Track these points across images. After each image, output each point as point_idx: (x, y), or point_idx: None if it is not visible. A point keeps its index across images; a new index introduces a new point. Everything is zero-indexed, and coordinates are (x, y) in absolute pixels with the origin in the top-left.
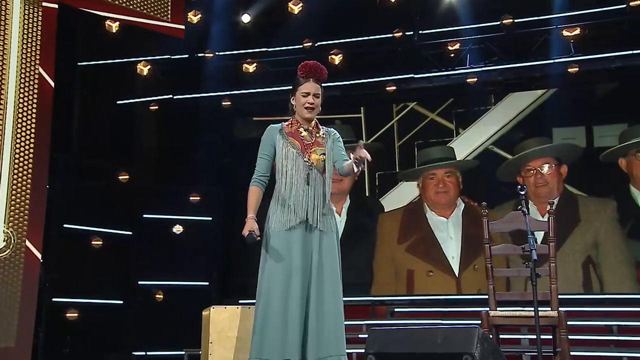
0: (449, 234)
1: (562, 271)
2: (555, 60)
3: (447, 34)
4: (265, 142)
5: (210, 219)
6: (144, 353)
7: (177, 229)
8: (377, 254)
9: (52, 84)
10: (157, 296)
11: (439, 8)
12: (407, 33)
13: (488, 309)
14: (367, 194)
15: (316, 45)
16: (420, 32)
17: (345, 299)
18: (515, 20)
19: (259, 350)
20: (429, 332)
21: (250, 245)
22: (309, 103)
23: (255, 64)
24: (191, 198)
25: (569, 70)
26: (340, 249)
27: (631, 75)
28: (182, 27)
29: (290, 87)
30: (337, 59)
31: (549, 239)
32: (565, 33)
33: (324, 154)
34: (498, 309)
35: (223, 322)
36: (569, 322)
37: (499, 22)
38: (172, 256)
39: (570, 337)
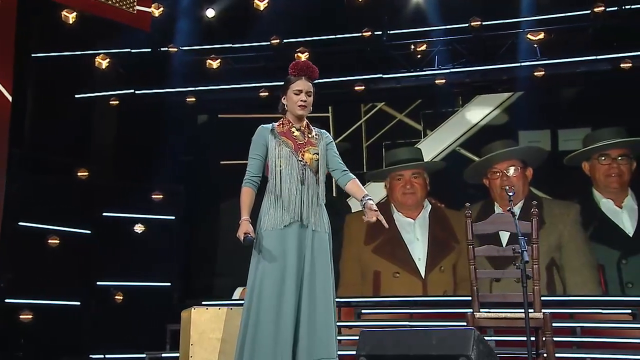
0: (415, 235)
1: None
2: (522, 64)
3: (416, 34)
4: (256, 142)
5: (173, 218)
6: (102, 356)
7: (139, 228)
8: (343, 254)
9: (10, 98)
10: (117, 297)
11: (407, 9)
12: (376, 33)
13: (451, 310)
14: (334, 194)
15: (284, 42)
16: (388, 32)
17: None
18: (484, 23)
19: (251, 351)
20: (423, 333)
21: (212, 246)
22: (301, 101)
23: (220, 60)
24: (154, 196)
25: (535, 73)
26: (332, 249)
27: (595, 80)
28: (149, 10)
29: (281, 85)
30: (303, 57)
31: (532, 240)
32: (529, 37)
33: (317, 153)
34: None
35: (204, 323)
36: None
37: (467, 24)
38: (132, 256)
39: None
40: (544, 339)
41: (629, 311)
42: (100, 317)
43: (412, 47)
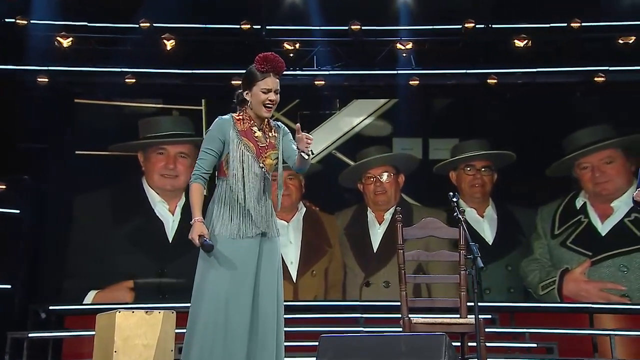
0: (289, 238)
1: (395, 279)
2: (398, 72)
3: (296, 32)
4: (213, 136)
5: (17, 211)
6: None
7: None
8: None
9: None
10: None
11: (288, 6)
12: (255, 26)
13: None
14: (205, 194)
15: (154, 26)
16: (267, 27)
17: (178, 305)
18: (363, 28)
19: None
20: (391, 339)
21: (62, 244)
22: (269, 100)
23: (71, 39)
24: None
25: (411, 82)
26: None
27: (464, 93)
28: None
29: (242, 75)
30: (168, 45)
31: (459, 246)
32: (399, 46)
33: (277, 158)
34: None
35: (130, 328)
36: (400, 329)
37: (347, 27)
38: None
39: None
40: (475, 344)
41: (489, 316)
42: None
43: (292, 44)
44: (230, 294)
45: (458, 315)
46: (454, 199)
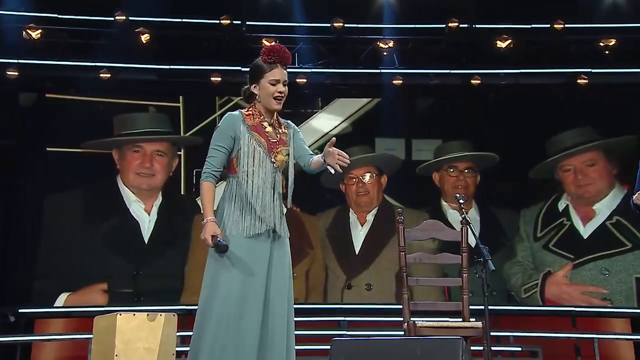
0: None
1: (377, 281)
2: (382, 71)
3: (277, 28)
4: (224, 132)
5: None
6: None
7: None
8: (191, 259)
9: None
10: None
11: (269, 0)
12: (235, 22)
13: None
14: (182, 193)
15: (129, 20)
16: (248, 23)
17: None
18: (346, 25)
19: None
20: (405, 343)
21: (33, 244)
22: (278, 92)
23: (40, 31)
24: None
25: (394, 82)
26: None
27: (447, 93)
28: None
29: (248, 71)
30: (143, 39)
31: (461, 249)
32: (380, 45)
33: (288, 154)
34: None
35: (132, 331)
36: (382, 332)
37: (329, 25)
38: None
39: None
40: (481, 348)
41: (473, 319)
42: None
43: (273, 41)
44: (242, 294)
45: (460, 319)
46: (461, 201)
